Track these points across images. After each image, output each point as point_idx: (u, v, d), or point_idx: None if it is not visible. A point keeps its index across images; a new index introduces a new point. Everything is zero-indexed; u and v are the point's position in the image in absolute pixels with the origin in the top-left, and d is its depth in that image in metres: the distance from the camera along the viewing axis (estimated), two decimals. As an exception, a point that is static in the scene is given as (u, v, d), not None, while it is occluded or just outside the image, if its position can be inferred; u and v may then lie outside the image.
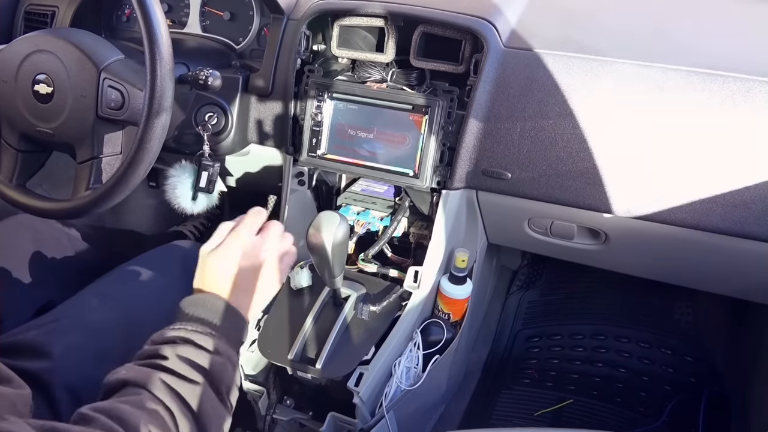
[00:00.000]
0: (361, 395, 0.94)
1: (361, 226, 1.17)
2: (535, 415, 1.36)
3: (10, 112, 0.95)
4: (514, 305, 1.65)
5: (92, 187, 0.95)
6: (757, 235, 0.91)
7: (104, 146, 0.95)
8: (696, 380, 1.41)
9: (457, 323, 1.11)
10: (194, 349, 0.68)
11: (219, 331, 0.72)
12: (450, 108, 1.01)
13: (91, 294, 0.98)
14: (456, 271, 1.06)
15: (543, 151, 0.97)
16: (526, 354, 1.54)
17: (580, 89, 0.95)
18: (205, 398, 0.66)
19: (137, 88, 0.90)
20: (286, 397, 1.05)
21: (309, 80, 1.08)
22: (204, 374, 0.67)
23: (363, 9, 1.05)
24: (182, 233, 1.68)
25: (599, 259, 1.14)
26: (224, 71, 1.07)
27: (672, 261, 1.09)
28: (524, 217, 1.08)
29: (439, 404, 1.32)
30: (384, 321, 1.03)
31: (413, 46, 1.04)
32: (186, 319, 0.72)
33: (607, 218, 0.99)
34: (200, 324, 0.71)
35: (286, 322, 1.04)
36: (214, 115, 1.09)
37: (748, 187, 0.89)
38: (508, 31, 1.02)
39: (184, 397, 0.64)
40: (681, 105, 0.91)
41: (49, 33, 0.95)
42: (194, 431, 0.64)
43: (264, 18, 1.20)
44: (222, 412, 0.69)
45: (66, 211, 0.96)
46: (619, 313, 1.57)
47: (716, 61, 0.92)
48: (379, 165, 1.06)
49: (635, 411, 1.36)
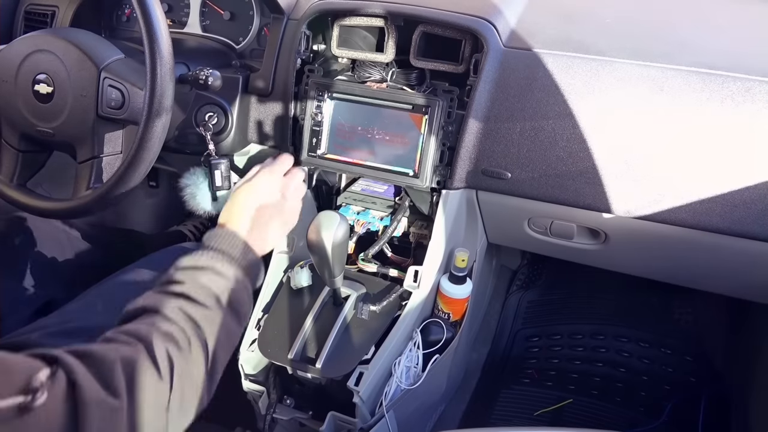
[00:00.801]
0: (361, 395, 0.94)
1: (361, 225, 1.17)
2: (534, 415, 1.36)
3: (11, 112, 0.95)
4: (513, 305, 1.66)
5: (93, 186, 0.95)
6: (757, 235, 0.91)
7: (104, 146, 0.95)
8: (696, 380, 1.41)
9: (457, 323, 1.11)
10: (210, 275, 0.74)
11: (235, 261, 0.77)
12: (450, 108, 1.01)
13: (96, 296, 0.98)
14: (456, 270, 1.06)
15: (543, 150, 0.97)
16: (525, 354, 1.54)
17: (580, 89, 0.95)
18: (217, 320, 0.71)
19: (137, 87, 0.90)
20: (286, 396, 1.05)
21: (309, 80, 1.08)
22: (217, 299, 0.72)
23: (363, 9, 1.05)
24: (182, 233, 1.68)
25: (599, 259, 1.14)
26: (224, 71, 1.07)
27: (672, 261, 1.09)
28: (524, 216, 1.08)
29: (439, 404, 1.32)
30: (384, 320, 1.03)
31: (413, 46, 1.04)
32: (205, 249, 0.77)
33: (607, 218, 0.99)
34: (218, 253, 0.77)
35: (286, 321, 1.04)
36: (215, 115, 1.09)
37: (747, 186, 0.89)
38: (508, 31, 1.02)
39: (197, 320, 0.69)
40: (681, 105, 0.91)
41: (49, 33, 0.95)
42: (206, 350, 0.68)
43: (264, 18, 1.20)
44: (232, 334, 0.74)
45: (66, 211, 0.96)
46: (619, 312, 1.57)
47: (716, 61, 0.92)
48: (379, 165, 1.06)
49: (635, 411, 1.36)
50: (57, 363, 0.56)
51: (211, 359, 0.69)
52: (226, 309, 0.73)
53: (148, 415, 0.60)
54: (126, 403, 0.58)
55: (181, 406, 0.65)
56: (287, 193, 0.92)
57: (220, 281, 0.74)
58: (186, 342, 0.67)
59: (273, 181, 0.91)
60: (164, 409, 0.63)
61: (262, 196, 0.88)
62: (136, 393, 0.60)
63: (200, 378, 0.68)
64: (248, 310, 0.79)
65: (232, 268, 0.76)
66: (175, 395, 0.64)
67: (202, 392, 0.68)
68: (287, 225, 0.92)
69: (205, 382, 0.69)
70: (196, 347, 0.68)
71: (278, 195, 0.90)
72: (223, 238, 0.79)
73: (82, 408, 0.54)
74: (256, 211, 0.86)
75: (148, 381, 0.61)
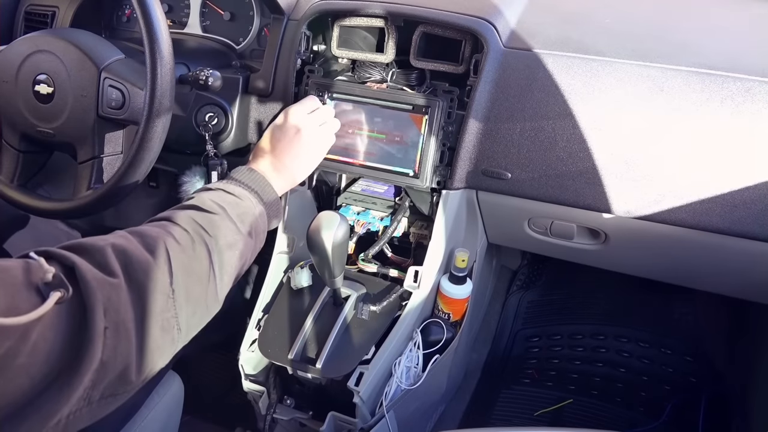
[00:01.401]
0: (362, 395, 0.94)
1: (361, 226, 1.17)
2: (535, 415, 1.36)
3: (11, 112, 0.96)
4: (514, 305, 1.66)
5: (93, 186, 0.95)
6: (757, 235, 0.91)
7: (105, 146, 0.95)
8: (696, 380, 1.41)
9: (457, 323, 1.11)
10: (223, 193, 0.80)
11: (247, 186, 0.84)
12: (450, 108, 1.01)
13: None
14: (456, 270, 1.06)
15: (543, 151, 0.97)
16: (526, 354, 1.54)
17: (580, 89, 0.95)
18: (223, 227, 0.74)
19: (138, 87, 0.91)
20: (286, 396, 1.05)
21: (309, 80, 1.09)
22: (223, 210, 0.76)
23: (363, 9, 1.05)
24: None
25: (599, 259, 1.14)
26: (224, 71, 1.07)
27: (672, 261, 1.09)
28: (524, 217, 1.08)
29: (439, 404, 1.32)
30: (384, 321, 1.03)
31: (413, 47, 1.04)
32: (225, 179, 0.85)
33: (607, 218, 0.99)
34: (236, 181, 0.84)
35: (287, 322, 1.04)
36: (215, 115, 1.09)
37: (747, 187, 0.89)
38: (508, 31, 1.02)
39: (200, 222, 0.72)
40: (681, 105, 0.91)
41: (50, 33, 0.95)
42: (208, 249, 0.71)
43: (264, 18, 1.20)
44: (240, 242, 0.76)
45: (67, 211, 0.96)
46: (619, 313, 1.57)
47: (716, 61, 0.92)
48: (379, 165, 1.06)
49: (635, 411, 1.36)
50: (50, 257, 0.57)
51: (216, 260, 0.71)
52: (233, 219, 0.76)
53: (151, 297, 0.61)
54: (124, 282, 0.59)
55: (188, 299, 0.66)
56: (312, 129, 0.96)
57: (229, 197, 0.79)
58: (187, 239, 0.69)
59: (296, 119, 0.95)
60: (167, 295, 0.64)
61: (287, 133, 0.93)
62: (132, 274, 0.61)
63: (204, 274, 0.70)
64: (262, 230, 0.83)
65: (243, 191, 0.82)
66: (178, 285, 0.65)
67: (208, 291, 0.70)
68: (315, 158, 0.98)
69: (212, 281, 0.70)
70: (199, 244, 0.70)
71: (304, 131, 0.94)
72: (241, 172, 0.86)
73: (84, 287, 0.55)
74: (280, 149, 0.92)
75: (143, 266, 0.62)
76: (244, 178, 0.85)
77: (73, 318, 0.54)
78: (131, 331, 0.58)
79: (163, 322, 0.63)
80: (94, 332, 0.54)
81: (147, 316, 0.61)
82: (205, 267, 0.70)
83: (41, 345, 0.51)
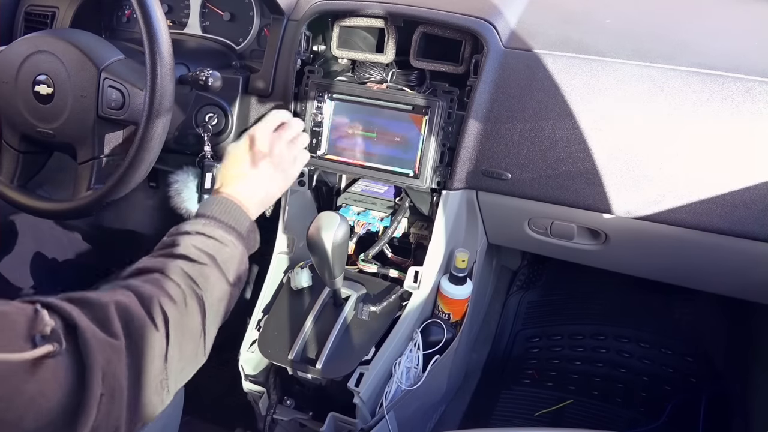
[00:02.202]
0: (362, 395, 0.94)
1: (361, 226, 1.17)
2: (535, 415, 1.36)
3: (11, 112, 0.96)
4: (514, 305, 1.66)
5: (93, 187, 0.95)
6: (757, 235, 0.91)
7: (105, 146, 0.95)
8: (696, 380, 1.41)
9: (457, 323, 1.11)
10: (205, 238, 0.77)
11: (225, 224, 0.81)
12: (450, 108, 1.01)
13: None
14: (456, 271, 1.06)
15: (543, 151, 0.97)
16: (526, 354, 1.54)
17: (580, 90, 0.95)
18: (212, 278, 0.74)
19: (138, 87, 0.90)
20: (286, 397, 1.05)
21: (309, 81, 1.08)
22: (211, 259, 0.75)
23: (363, 10, 1.05)
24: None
25: (599, 259, 1.14)
26: (224, 72, 1.07)
27: (672, 261, 1.09)
28: (524, 217, 1.08)
29: (439, 404, 1.32)
30: (384, 321, 1.03)
31: (413, 47, 1.04)
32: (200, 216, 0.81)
33: (607, 218, 0.99)
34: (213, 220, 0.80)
35: (287, 322, 1.04)
36: (215, 115, 1.09)
37: (748, 187, 0.89)
38: (508, 31, 1.02)
39: (191, 275, 0.71)
40: (681, 105, 0.91)
41: (50, 34, 0.96)
42: (201, 304, 0.71)
43: (264, 19, 1.20)
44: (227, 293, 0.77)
45: (67, 212, 0.96)
46: (619, 313, 1.57)
47: (716, 61, 0.92)
48: (379, 165, 1.06)
49: (635, 411, 1.36)
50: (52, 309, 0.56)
51: (208, 314, 0.71)
52: (221, 268, 0.75)
53: (149, 362, 0.61)
54: (125, 344, 0.59)
55: (180, 359, 0.66)
56: (279, 147, 0.92)
57: (210, 242, 0.77)
58: (180, 295, 0.68)
59: (262, 142, 0.91)
60: (162, 359, 0.64)
61: (254, 155, 0.90)
62: (134, 337, 0.61)
63: (196, 331, 0.70)
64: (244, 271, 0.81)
65: (224, 233, 0.79)
66: (173, 348, 0.65)
67: (198, 347, 0.70)
68: (287, 177, 0.94)
69: (202, 337, 0.70)
70: (191, 300, 0.69)
71: (270, 150, 0.91)
72: (214, 205, 0.82)
73: (83, 346, 0.55)
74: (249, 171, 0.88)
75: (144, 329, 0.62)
76: (220, 213, 0.82)
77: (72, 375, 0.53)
78: (124, 395, 0.58)
79: (156, 386, 0.63)
80: (90, 397, 0.54)
81: (142, 381, 0.61)
82: (197, 324, 0.70)
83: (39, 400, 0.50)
